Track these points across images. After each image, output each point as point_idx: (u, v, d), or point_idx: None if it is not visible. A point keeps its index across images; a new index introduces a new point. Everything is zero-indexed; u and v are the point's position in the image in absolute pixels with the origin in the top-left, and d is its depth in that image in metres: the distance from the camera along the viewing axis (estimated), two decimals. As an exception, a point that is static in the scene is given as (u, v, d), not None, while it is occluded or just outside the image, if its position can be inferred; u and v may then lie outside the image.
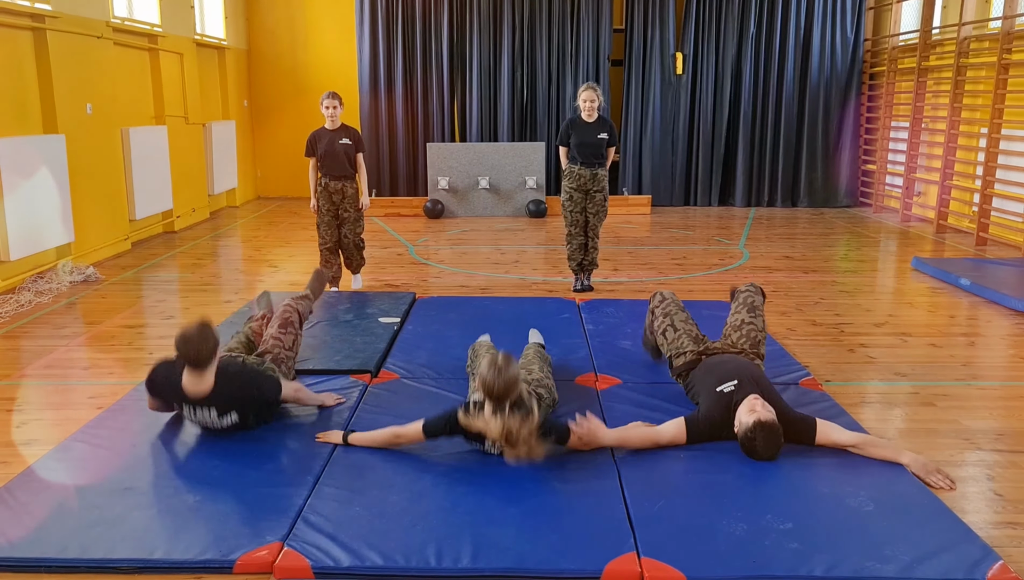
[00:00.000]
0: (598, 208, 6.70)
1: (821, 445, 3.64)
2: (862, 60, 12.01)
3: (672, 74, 11.99)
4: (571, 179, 6.63)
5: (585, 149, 6.55)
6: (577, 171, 6.60)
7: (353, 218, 6.68)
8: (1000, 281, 6.84)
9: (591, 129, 6.55)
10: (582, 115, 6.57)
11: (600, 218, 6.74)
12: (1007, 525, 3.19)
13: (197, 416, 3.73)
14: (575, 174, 6.61)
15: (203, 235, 9.80)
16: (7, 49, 6.86)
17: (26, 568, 2.84)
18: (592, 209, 6.69)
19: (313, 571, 2.80)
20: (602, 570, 2.78)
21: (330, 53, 12.66)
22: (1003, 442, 3.95)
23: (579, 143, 6.56)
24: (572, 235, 6.80)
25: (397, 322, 5.64)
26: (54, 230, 7.20)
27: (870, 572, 2.76)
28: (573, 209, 6.71)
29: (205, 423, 3.75)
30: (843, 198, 12.25)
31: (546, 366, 4.31)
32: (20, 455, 3.75)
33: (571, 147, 6.64)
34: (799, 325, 5.92)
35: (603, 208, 6.71)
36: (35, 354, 5.25)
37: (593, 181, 6.61)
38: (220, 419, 3.72)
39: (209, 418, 3.71)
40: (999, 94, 8.87)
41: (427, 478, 3.41)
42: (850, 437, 3.64)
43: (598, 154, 6.58)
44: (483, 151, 11.33)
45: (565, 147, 6.73)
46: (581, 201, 6.69)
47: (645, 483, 3.36)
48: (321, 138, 6.55)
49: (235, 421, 3.75)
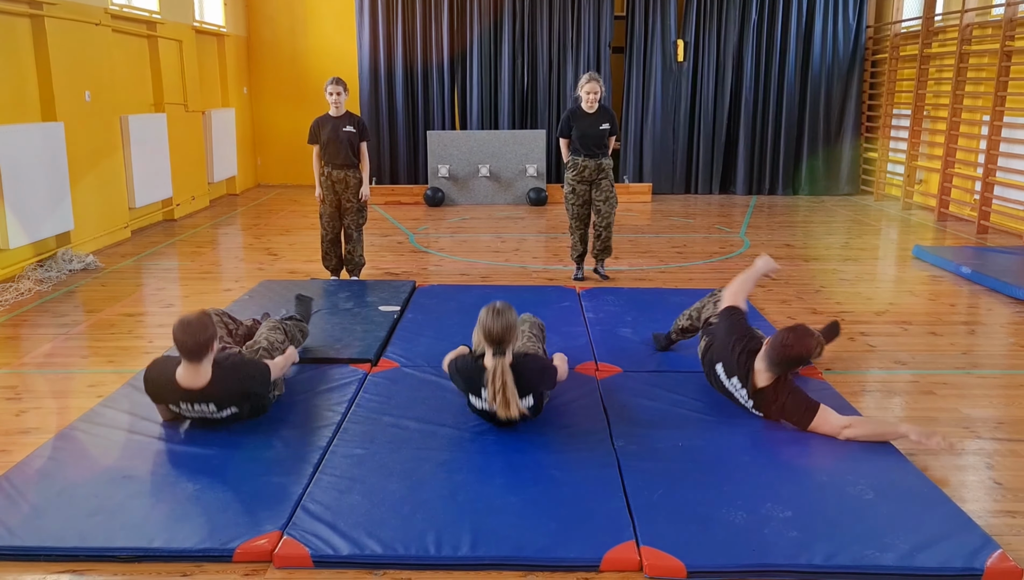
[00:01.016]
0: (607, 194, 6.58)
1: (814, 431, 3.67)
2: (864, 47, 11.95)
3: (673, 61, 11.94)
4: (575, 171, 6.56)
5: (588, 140, 6.48)
6: (581, 163, 6.52)
7: (355, 208, 6.52)
8: (1001, 269, 6.83)
9: (593, 120, 6.48)
10: (583, 105, 6.48)
11: (611, 205, 6.60)
12: (1006, 513, 3.19)
13: (195, 410, 3.70)
14: (579, 166, 6.54)
15: (203, 223, 9.79)
16: (5, 36, 6.83)
17: (25, 556, 2.84)
18: (600, 197, 6.58)
19: (312, 559, 2.80)
20: (601, 558, 2.79)
21: (330, 40, 12.61)
22: (1003, 430, 3.95)
23: (582, 134, 6.48)
24: (573, 228, 6.75)
25: (397, 310, 5.63)
26: (53, 218, 7.18)
27: (869, 560, 2.77)
28: (575, 201, 6.63)
29: (204, 416, 3.74)
30: (844, 186, 12.22)
31: (537, 330, 4.34)
32: (20, 443, 3.75)
33: (573, 139, 6.56)
34: (800, 313, 5.91)
35: (612, 194, 6.61)
36: (35, 342, 5.25)
37: (598, 171, 6.55)
38: (220, 412, 3.71)
39: (208, 411, 3.70)
40: (1001, 81, 8.83)
41: (426, 466, 3.41)
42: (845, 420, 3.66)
43: (601, 144, 6.52)
44: (483, 139, 11.30)
45: (567, 139, 6.63)
46: (584, 193, 6.62)
47: (644, 471, 3.36)
48: (324, 125, 6.41)
49: (234, 412, 3.75)
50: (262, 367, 3.86)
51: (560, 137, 6.71)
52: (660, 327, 5.32)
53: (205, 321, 3.60)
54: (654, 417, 3.91)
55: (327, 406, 4.03)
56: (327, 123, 6.41)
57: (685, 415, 3.95)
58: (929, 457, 3.63)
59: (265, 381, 3.84)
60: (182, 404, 3.68)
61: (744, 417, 3.92)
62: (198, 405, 3.67)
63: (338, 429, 3.76)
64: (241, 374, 3.74)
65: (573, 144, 6.58)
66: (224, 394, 3.67)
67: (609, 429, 3.76)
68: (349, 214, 6.54)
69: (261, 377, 3.82)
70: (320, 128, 6.43)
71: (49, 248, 7.34)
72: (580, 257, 6.85)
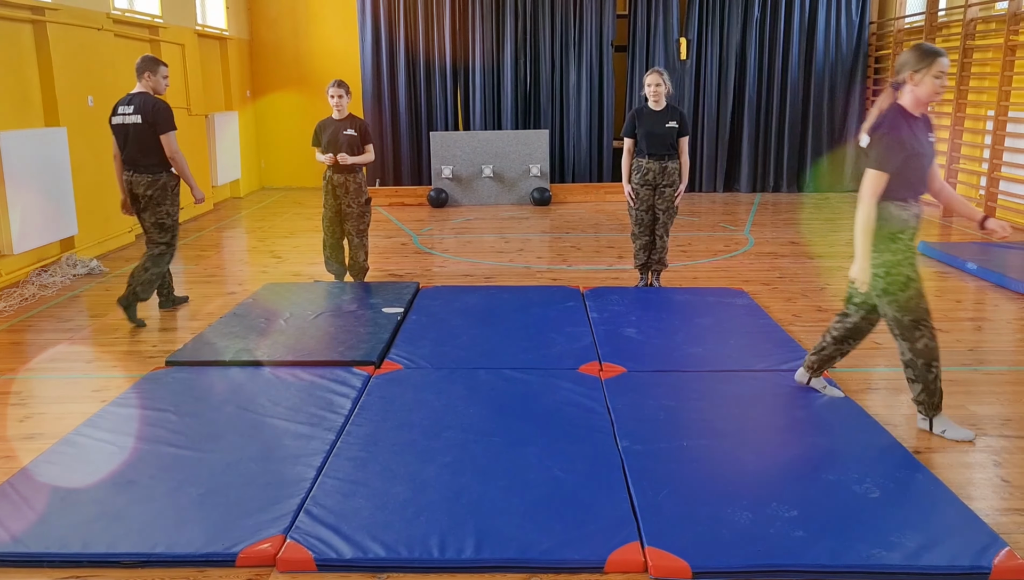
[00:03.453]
0: (668, 204, 6.15)
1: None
2: (867, 43, 11.92)
3: (676, 60, 11.92)
4: (638, 173, 6.12)
5: (654, 139, 6.03)
6: (645, 164, 6.08)
7: (356, 213, 6.41)
8: (1007, 265, 6.80)
9: (659, 117, 6.04)
10: (649, 103, 6.07)
11: (671, 215, 6.18)
12: (1014, 511, 3.16)
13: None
14: (643, 168, 6.09)
15: (207, 226, 9.80)
16: (8, 42, 6.85)
17: (29, 563, 2.84)
18: (661, 205, 6.15)
19: (316, 563, 2.79)
20: (606, 560, 2.77)
21: (332, 41, 12.62)
22: (1010, 427, 3.92)
23: (647, 133, 6.03)
24: (636, 234, 6.30)
25: (401, 312, 5.62)
26: (57, 223, 7.19)
27: (876, 559, 2.75)
28: (639, 207, 6.18)
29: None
30: (849, 182, 12.17)
31: None
32: (24, 449, 3.74)
33: (638, 138, 6.10)
34: (805, 311, 5.89)
35: (672, 205, 6.16)
36: (39, 348, 5.26)
37: (663, 175, 6.08)
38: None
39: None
40: (1006, 76, 8.79)
41: (430, 469, 3.40)
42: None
43: (668, 145, 6.05)
44: (487, 139, 11.29)
45: (631, 139, 6.16)
46: (648, 197, 6.15)
47: (649, 472, 3.34)
48: (326, 128, 6.35)
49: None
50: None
51: (624, 136, 6.23)
52: (664, 326, 5.32)
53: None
54: (658, 417, 3.90)
55: (330, 409, 4.02)
56: (328, 126, 6.37)
57: (689, 415, 3.94)
58: (935, 454, 3.61)
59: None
60: None
61: (749, 417, 3.91)
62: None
63: (341, 432, 3.76)
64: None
65: (639, 144, 6.13)
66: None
67: (613, 429, 3.75)
68: (350, 219, 6.44)
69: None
70: (322, 131, 6.40)
71: (53, 253, 7.36)
72: (643, 266, 6.43)
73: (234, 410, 4.04)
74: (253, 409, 4.04)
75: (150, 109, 5.58)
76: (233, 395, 4.23)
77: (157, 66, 5.73)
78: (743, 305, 5.82)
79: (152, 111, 5.57)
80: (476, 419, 3.88)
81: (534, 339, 5.07)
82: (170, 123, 5.65)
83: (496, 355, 4.82)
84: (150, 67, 5.70)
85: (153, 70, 5.70)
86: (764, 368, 4.56)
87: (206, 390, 4.32)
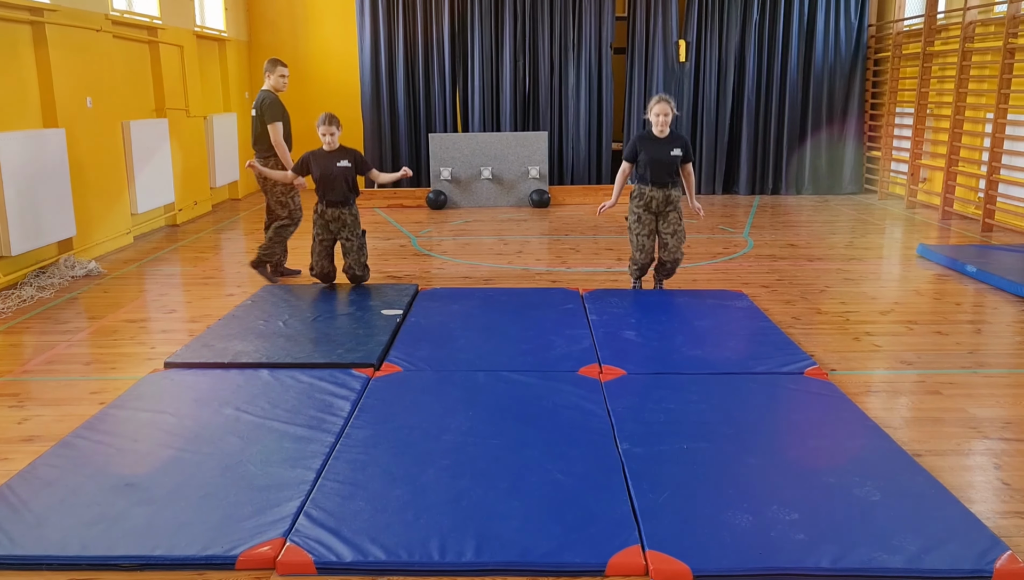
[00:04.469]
0: (674, 227, 6.03)
1: None
2: (866, 46, 11.92)
3: (675, 62, 11.92)
4: (640, 200, 6.02)
5: (658, 167, 5.90)
6: (648, 192, 5.97)
7: (357, 246, 6.26)
8: (1006, 267, 6.80)
9: (664, 145, 5.91)
10: (653, 130, 5.93)
11: (680, 239, 6.04)
12: (1015, 514, 3.16)
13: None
14: (645, 195, 5.98)
15: (205, 228, 9.78)
16: (6, 43, 6.83)
17: (27, 566, 2.82)
18: (668, 229, 6.03)
19: (316, 566, 2.78)
20: (607, 563, 2.77)
21: (331, 43, 12.61)
22: (1010, 430, 3.92)
23: (651, 160, 5.90)
24: (636, 260, 6.19)
25: (400, 314, 5.62)
26: (55, 225, 7.18)
27: (877, 563, 2.74)
28: (641, 232, 6.05)
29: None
30: (848, 185, 12.19)
31: None
32: (22, 451, 3.74)
33: (640, 164, 5.99)
34: (804, 313, 5.89)
35: (680, 227, 6.04)
36: (37, 349, 5.24)
37: (666, 202, 5.99)
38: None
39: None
40: (1005, 79, 8.79)
41: (430, 472, 3.39)
42: None
43: (672, 172, 5.95)
44: (485, 141, 11.29)
45: (630, 164, 6.09)
46: (651, 222, 6.05)
47: (649, 475, 3.34)
48: (317, 159, 6.17)
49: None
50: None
51: (625, 160, 6.13)
52: (664, 329, 5.32)
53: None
54: (659, 419, 3.89)
55: (329, 411, 4.01)
56: (320, 157, 6.18)
57: (690, 417, 3.93)
58: (935, 457, 3.61)
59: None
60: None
61: (749, 420, 3.90)
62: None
63: (341, 434, 3.75)
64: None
65: (640, 171, 6.02)
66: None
67: (613, 432, 3.75)
68: (350, 254, 6.27)
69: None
70: (311, 162, 6.21)
71: (51, 254, 7.34)
72: (637, 280, 6.41)
73: (233, 412, 4.03)
74: (252, 411, 4.03)
75: (260, 103, 6.56)
76: (232, 397, 4.22)
77: (275, 67, 6.64)
78: (743, 307, 5.82)
79: (261, 105, 6.55)
80: (476, 422, 3.87)
81: (533, 341, 5.06)
82: (274, 116, 6.52)
83: (495, 357, 4.81)
84: (269, 68, 6.64)
85: (271, 71, 6.63)
86: (764, 370, 4.56)
87: (205, 392, 4.31)
